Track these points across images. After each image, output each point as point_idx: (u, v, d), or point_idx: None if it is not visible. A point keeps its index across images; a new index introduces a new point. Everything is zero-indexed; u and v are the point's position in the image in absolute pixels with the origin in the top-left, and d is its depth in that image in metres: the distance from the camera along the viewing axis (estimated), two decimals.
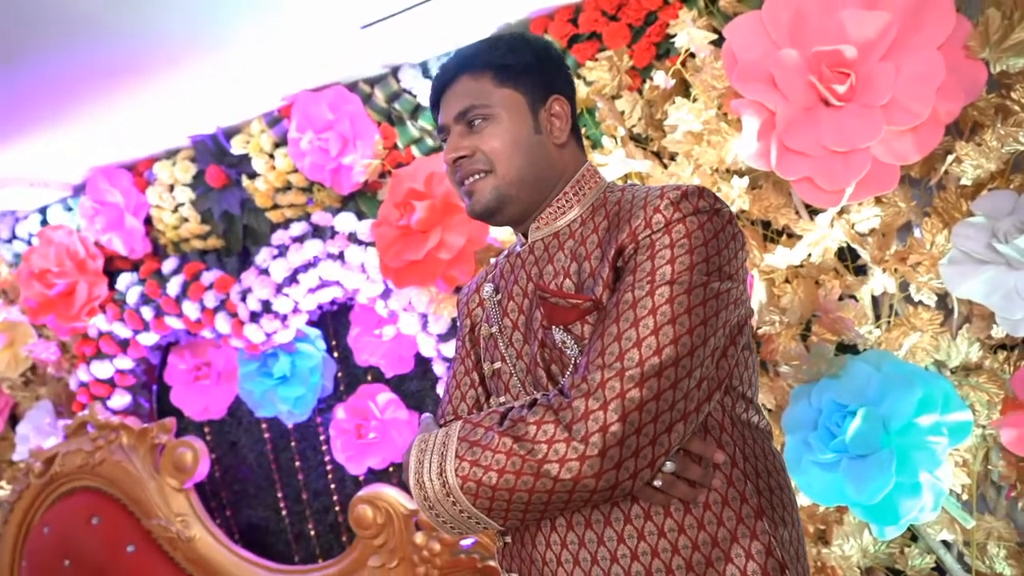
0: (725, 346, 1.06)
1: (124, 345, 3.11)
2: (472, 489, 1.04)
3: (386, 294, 2.62)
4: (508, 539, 1.18)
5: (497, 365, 1.22)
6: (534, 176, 1.19)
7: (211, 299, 2.83)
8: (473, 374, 1.29)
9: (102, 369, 3.15)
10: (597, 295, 1.09)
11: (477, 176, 1.19)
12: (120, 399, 3.20)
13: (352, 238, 2.61)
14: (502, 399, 1.21)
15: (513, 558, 1.17)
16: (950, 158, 1.86)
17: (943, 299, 1.95)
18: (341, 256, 2.61)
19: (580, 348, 1.09)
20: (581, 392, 1.00)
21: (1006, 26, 1.78)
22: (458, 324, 1.37)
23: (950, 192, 1.91)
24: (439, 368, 2.60)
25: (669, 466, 1.04)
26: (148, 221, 3.00)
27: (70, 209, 3.22)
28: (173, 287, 2.90)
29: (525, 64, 1.20)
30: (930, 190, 1.99)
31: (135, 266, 3.11)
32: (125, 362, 3.14)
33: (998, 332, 1.87)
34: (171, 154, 2.94)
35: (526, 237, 1.25)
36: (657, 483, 1.04)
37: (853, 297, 2.01)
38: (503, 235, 2.33)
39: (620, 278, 1.07)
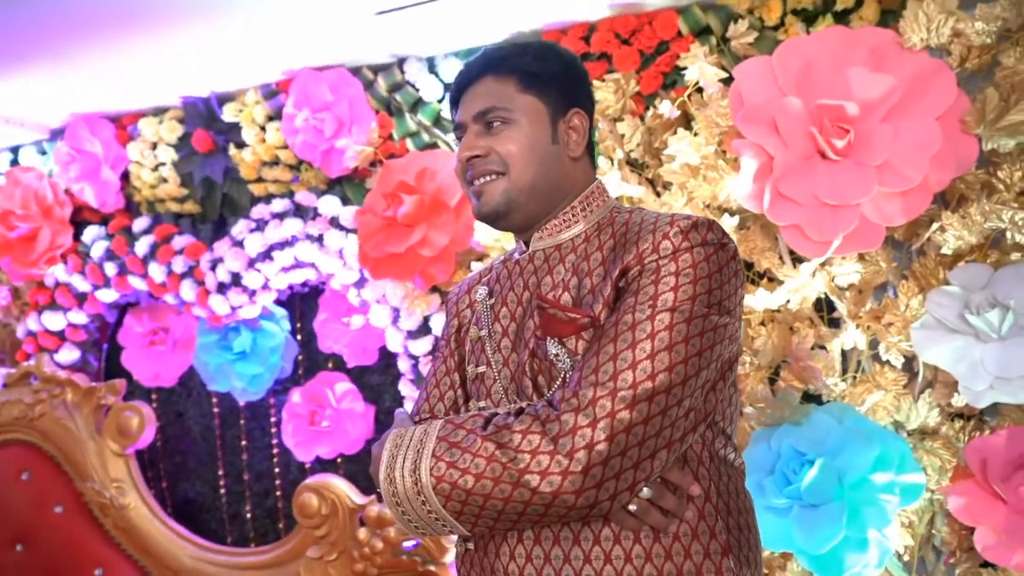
0: (715, 380, 1.06)
1: (81, 299, 3.02)
2: (445, 491, 1.02)
3: (360, 283, 2.59)
4: (471, 546, 1.16)
5: (481, 369, 1.21)
6: (545, 185, 1.19)
7: (180, 264, 2.76)
8: (454, 375, 1.28)
9: (54, 320, 3.06)
10: (596, 312, 1.09)
11: (489, 177, 1.18)
12: (68, 354, 3.10)
13: (334, 222, 2.58)
14: (482, 404, 1.20)
15: (473, 566, 1.16)
16: (934, 226, 1.91)
17: (910, 362, 1.99)
18: (320, 239, 2.58)
19: (572, 363, 1.09)
20: (571, 407, 0.99)
21: (1002, 107, 1.83)
22: (445, 323, 1.35)
23: (929, 259, 1.95)
24: (403, 364, 2.57)
25: (646, 492, 1.04)
26: (125, 176, 2.92)
27: (44, 152, 3.12)
28: (141, 247, 2.84)
29: (551, 73, 1.20)
30: (911, 254, 2.03)
31: (104, 220, 3.03)
32: (79, 316, 3.05)
33: (958, 400, 1.91)
34: (159, 112, 2.87)
35: (527, 245, 1.24)
36: (632, 507, 1.04)
37: (823, 348, 2.04)
38: (486, 239, 2.32)
39: (621, 299, 1.07)
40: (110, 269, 2.90)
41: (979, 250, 1.92)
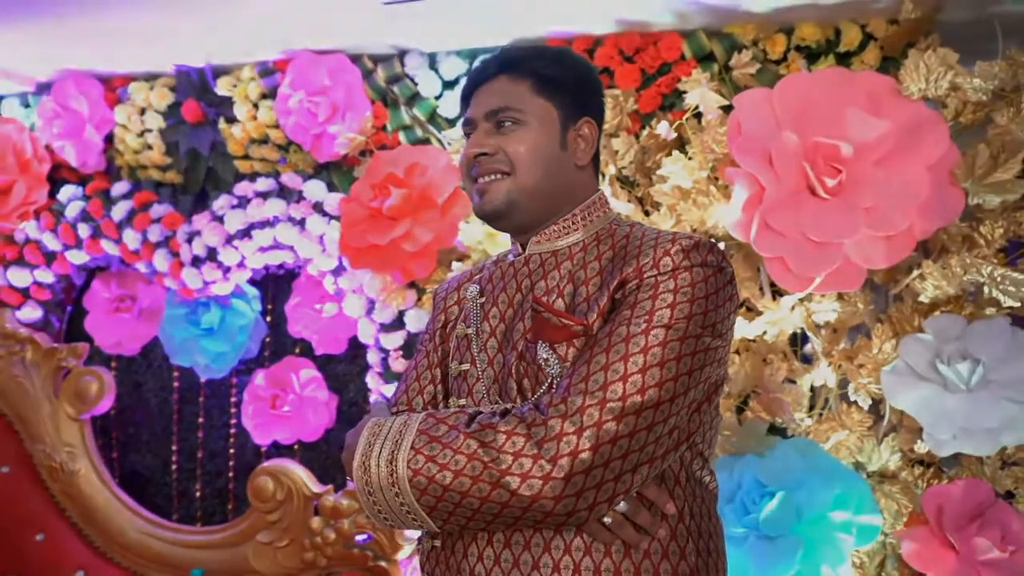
0: (701, 401, 1.06)
1: (50, 258, 2.95)
2: (421, 484, 1.01)
3: (338, 271, 2.56)
4: (438, 543, 1.15)
5: (465, 367, 1.20)
6: (549, 190, 1.18)
7: (155, 233, 2.71)
8: (436, 370, 1.27)
9: (20, 277, 2.98)
10: (590, 321, 1.08)
11: (494, 176, 1.17)
12: (31, 312, 3.02)
13: (318, 207, 2.55)
14: (462, 401, 1.19)
15: (439, 563, 1.14)
16: (914, 273, 1.94)
17: (877, 404, 2.01)
18: (302, 222, 2.55)
19: (561, 369, 1.09)
20: (559, 412, 0.99)
21: (991, 164, 1.87)
22: (430, 317, 1.34)
23: (906, 305, 1.98)
24: (373, 357, 2.55)
25: (622, 506, 1.04)
26: (108, 139, 2.86)
27: (28, 106, 3.05)
28: (118, 211, 2.78)
29: (566, 80, 1.20)
30: (888, 298, 2.06)
31: (82, 180, 2.96)
32: (46, 275, 2.98)
33: (921, 447, 1.94)
34: (151, 77, 2.82)
35: (523, 248, 1.24)
36: (607, 520, 1.03)
37: (793, 382, 2.06)
38: (470, 240, 2.31)
39: (616, 310, 1.07)
40: (83, 231, 2.83)
41: (956, 301, 1.95)
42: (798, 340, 2.11)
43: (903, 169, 1.86)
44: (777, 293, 2.06)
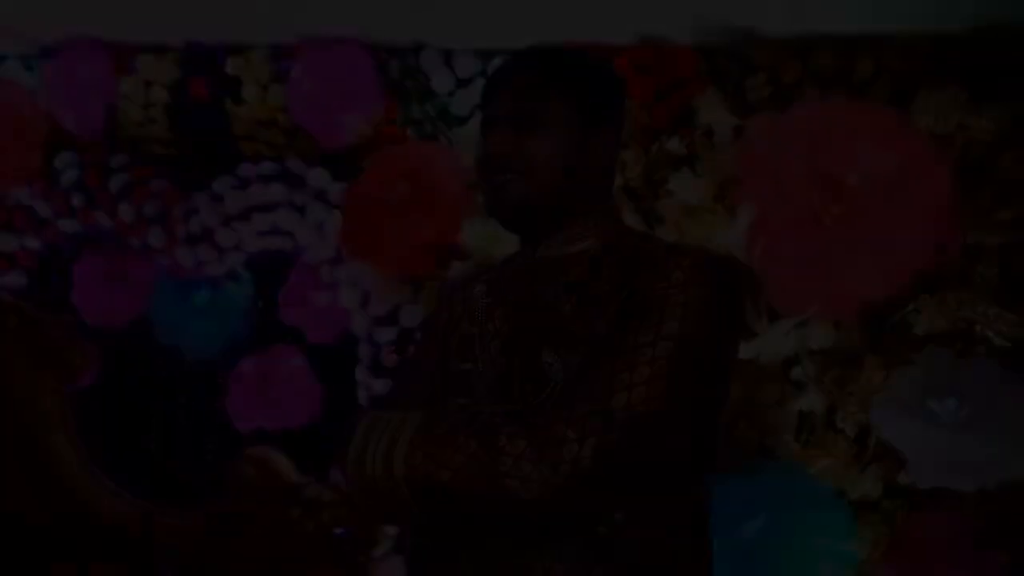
0: (702, 416, 1.06)
1: (40, 225, 2.91)
2: (417, 481, 1.00)
3: (335, 261, 2.55)
4: (425, 541, 1.14)
5: (467, 366, 1.19)
6: (564, 194, 1.17)
7: (152, 208, 2.69)
8: (435, 367, 1.25)
9: (7, 242, 2.94)
10: (597, 329, 1.08)
11: (510, 176, 1.16)
12: (16, 278, 2.98)
13: (320, 195, 2.54)
14: (462, 401, 1.17)
15: (426, 562, 1.14)
16: (910, 306, 1.95)
17: (863, 432, 2.02)
18: (303, 209, 2.54)
19: (565, 374, 1.08)
20: (562, 419, 0.98)
21: (992, 204, 1.89)
22: (434, 314, 1.33)
23: (899, 337, 2.00)
24: (364, 350, 2.53)
25: (617, 517, 1.03)
26: (111, 109, 2.83)
27: (30, 68, 3.01)
28: (115, 183, 2.75)
29: (592, 87, 1.19)
30: (882, 329, 2.07)
31: (80, 149, 2.92)
32: (34, 242, 2.94)
33: (903, 478, 1.95)
34: (159, 50, 2.79)
35: (534, 252, 1.23)
36: (601, 530, 1.03)
37: (782, 406, 2.06)
38: (472, 240, 2.31)
39: (625, 320, 1.06)
40: (77, 200, 2.80)
41: (948, 337, 1.96)
42: (790, 364, 2.11)
43: (906, 202, 1.87)
44: (773, 317, 2.06)
